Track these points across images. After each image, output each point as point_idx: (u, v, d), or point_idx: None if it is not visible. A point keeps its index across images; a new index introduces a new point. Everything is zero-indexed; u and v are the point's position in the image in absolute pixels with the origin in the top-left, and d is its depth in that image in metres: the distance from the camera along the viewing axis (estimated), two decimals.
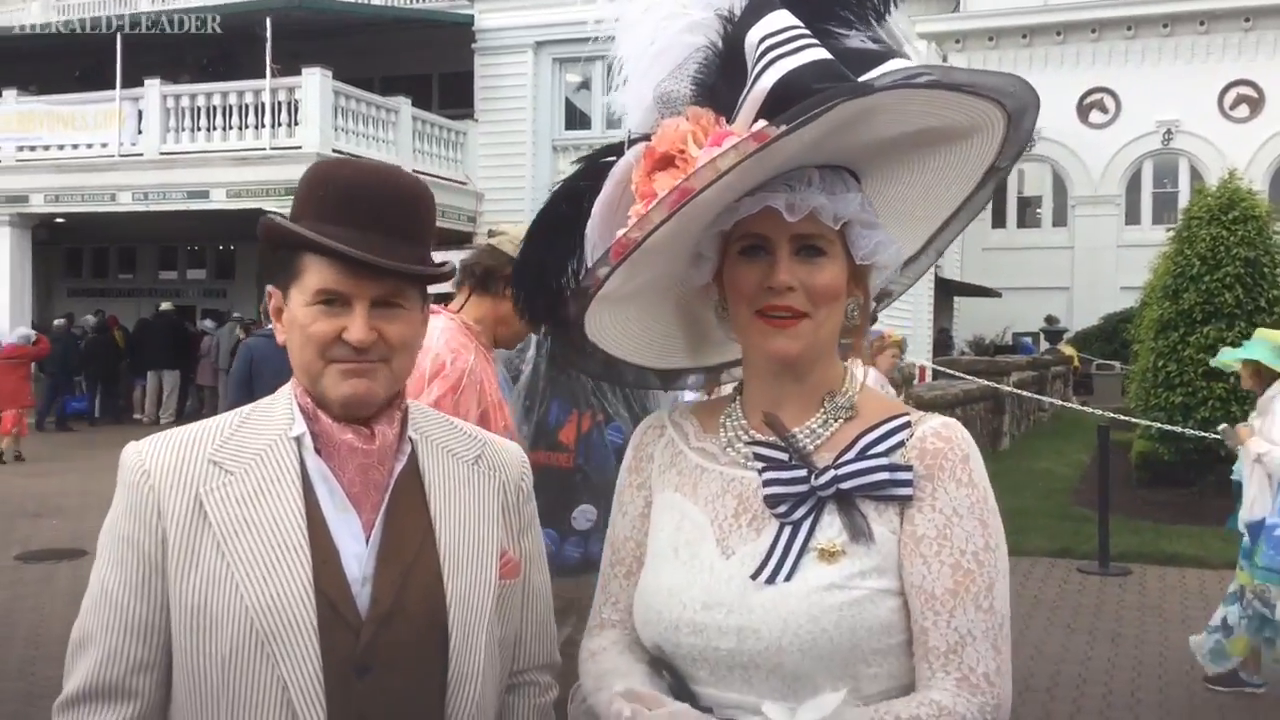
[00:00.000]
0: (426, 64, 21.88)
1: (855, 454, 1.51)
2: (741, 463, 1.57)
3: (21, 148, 19.65)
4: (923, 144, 1.57)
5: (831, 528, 1.47)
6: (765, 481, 1.51)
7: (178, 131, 18.84)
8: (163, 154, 18.83)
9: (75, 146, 19.38)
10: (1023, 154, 1.66)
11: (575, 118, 21.08)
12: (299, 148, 17.41)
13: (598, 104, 20.22)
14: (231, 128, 18.58)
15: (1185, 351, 12.16)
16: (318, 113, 17.70)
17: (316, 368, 1.52)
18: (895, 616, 1.46)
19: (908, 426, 1.53)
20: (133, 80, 18.86)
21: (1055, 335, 28.77)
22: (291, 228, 1.51)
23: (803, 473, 1.50)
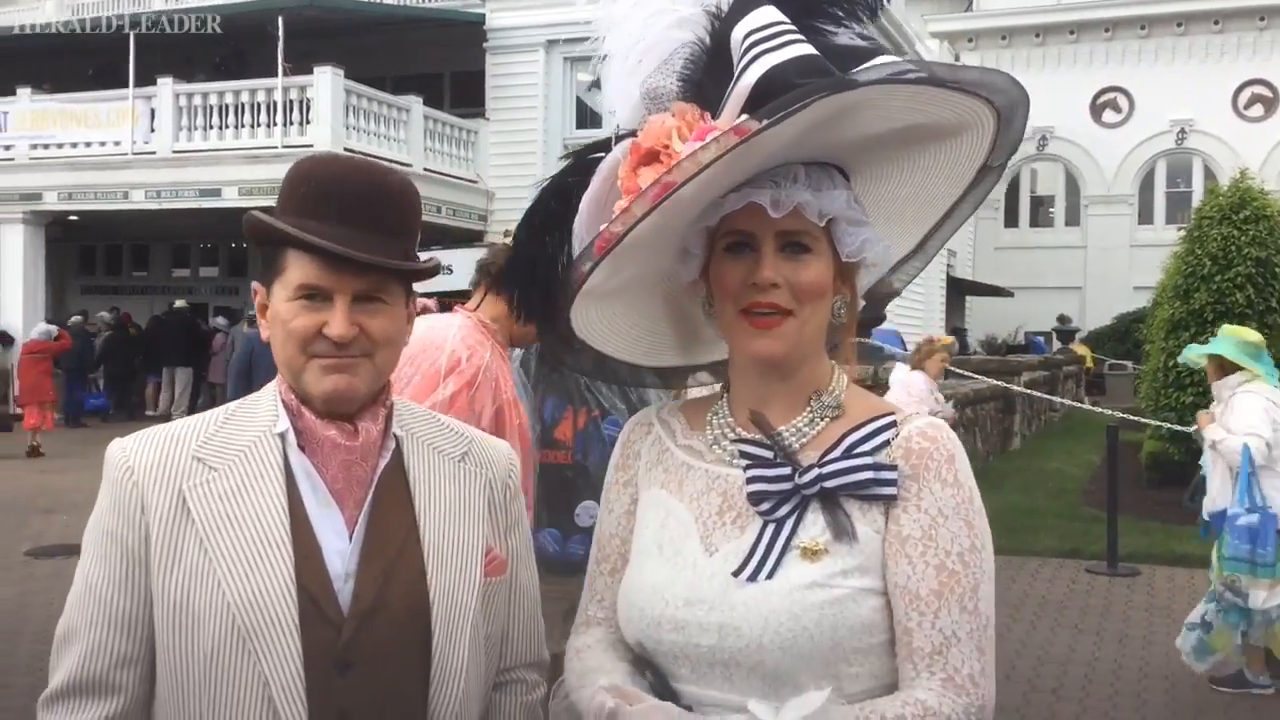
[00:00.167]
0: (438, 63, 21.90)
1: (840, 453, 1.50)
2: (727, 460, 1.57)
3: (35, 146, 19.78)
4: (911, 142, 1.56)
5: (815, 526, 1.46)
6: (749, 479, 1.51)
7: (190, 130, 18.96)
8: (175, 152, 18.94)
9: (88, 144, 19.51)
10: (1014, 153, 1.64)
11: (586, 116, 21.06)
12: (311, 146, 17.40)
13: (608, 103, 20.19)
14: (244, 126, 18.69)
15: None
16: (329, 111, 17.79)
17: (298, 363, 1.52)
18: (877, 616, 1.45)
19: (893, 426, 1.52)
20: (145, 79, 18.96)
21: (1067, 335, 28.67)
22: (272, 223, 1.51)
23: (787, 471, 1.49)
